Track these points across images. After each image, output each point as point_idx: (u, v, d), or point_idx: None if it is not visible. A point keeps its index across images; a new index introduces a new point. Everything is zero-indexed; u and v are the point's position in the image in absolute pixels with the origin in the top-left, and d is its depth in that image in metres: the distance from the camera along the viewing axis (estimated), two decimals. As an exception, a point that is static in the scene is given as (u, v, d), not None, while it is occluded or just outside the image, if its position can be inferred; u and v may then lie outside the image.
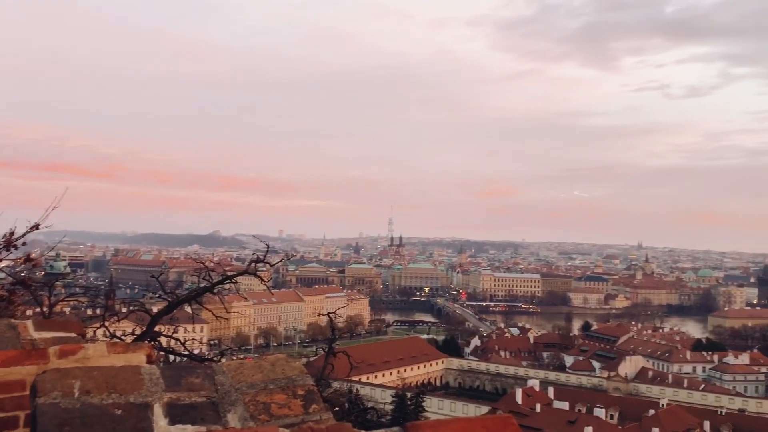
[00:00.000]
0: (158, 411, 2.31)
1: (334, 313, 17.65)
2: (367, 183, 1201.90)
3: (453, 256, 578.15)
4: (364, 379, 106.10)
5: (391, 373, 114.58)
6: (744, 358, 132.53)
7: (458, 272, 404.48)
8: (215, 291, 14.62)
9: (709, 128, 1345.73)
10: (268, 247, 16.08)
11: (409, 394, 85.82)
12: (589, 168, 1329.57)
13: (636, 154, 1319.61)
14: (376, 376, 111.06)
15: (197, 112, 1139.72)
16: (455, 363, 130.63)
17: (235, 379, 2.46)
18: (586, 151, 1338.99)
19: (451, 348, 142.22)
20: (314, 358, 55.52)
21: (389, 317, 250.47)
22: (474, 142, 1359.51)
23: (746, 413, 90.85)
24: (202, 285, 14.20)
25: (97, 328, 12.90)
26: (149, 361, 3.10)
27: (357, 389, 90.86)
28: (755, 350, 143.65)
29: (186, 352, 13.84)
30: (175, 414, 2.31)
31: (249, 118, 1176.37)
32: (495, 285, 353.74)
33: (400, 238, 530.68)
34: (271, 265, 17.35)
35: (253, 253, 15.29)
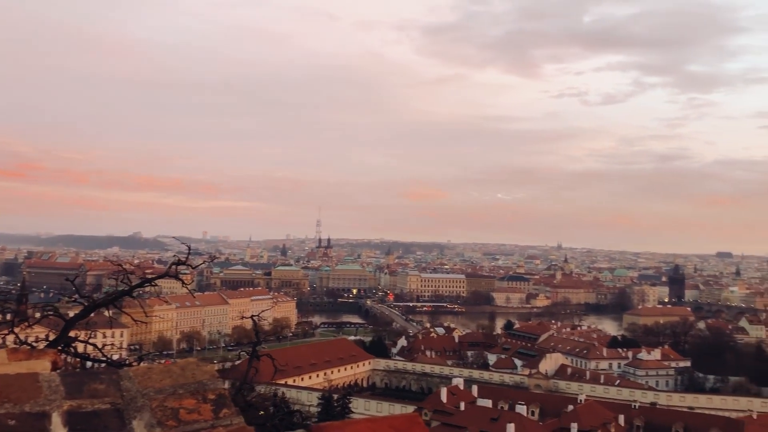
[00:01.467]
0: (56, 420, 2.18)
1: (258, 315, 17.48)
2: (294, 184, 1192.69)
3: (381, 257, 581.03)
4: (290, 381, 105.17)
5: (318, 375, 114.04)
6: (656, 354, 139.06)
7: (386, 273, 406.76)
8: (134, 294, 14.25)
9: (623, 134, 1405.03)
10: (189, 249, 15.79)
11: (335, 396, 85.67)
12: (512, 171, 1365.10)
13: (556, 158, 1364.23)
14: (302, 379, 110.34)
15: (119, 111, 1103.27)
16: (382, 364, 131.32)
17: (142, 384, 2.34)
18: (509, 155, 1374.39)
19: (378, 349, 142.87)
20: (239, 361, 54.64)
21: (317, 319, 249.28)
22: (402, 145, 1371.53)
23: (657, 406, 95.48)
24: (120, 288, 13.83)
25: (6, 334, 12.34)
26: (55, 368, 2.97)
27: (283, 392, 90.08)
28: (666, 346, 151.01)
29: (104, 358, 13.42)
30: (76, 423, 2.19)
31: (173, 118, 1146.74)
32: (422, 285, 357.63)
33: (328, 240, 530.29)
34: (193, 267, 17.03)
35: (173, 255, 14.97)
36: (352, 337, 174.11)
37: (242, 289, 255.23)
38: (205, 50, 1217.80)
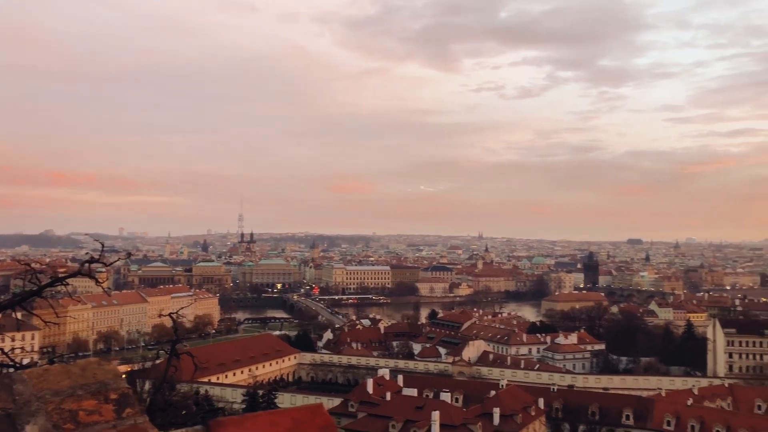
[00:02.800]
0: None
1: (176, 313, 17.07)
2: (215, 178, 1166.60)
3: (306, 251, 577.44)
4: (214, 379, 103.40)
5: (242, 372, 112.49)
6: (572, 338, 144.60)
7: (311, 267, 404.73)
8: (44, 295, 13.65)
9: (539, 127, 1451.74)
10: (103, 246, 15.24)
11: (260, 392, 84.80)
12: (435, 164, 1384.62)
13: (476, 150, 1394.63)
14: (226, 376, 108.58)
15: (23, 103, 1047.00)
16: (308, 357, 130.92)
17: (37, 387, 2.21)
18: (432, 147, 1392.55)
19: (303, 343, 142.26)
20: (159, 361, 53.16)
21: (240, 315, 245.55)
22: (325, 138, 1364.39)
23: (575, 388, 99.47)
24: (28, 289, 13.22)
25: None
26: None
27: (206, 390, 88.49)
28: (582, 330, 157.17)
29: (11, 363, 12.81)
30: (-41, 433, 2.03)
31: (84, 111, 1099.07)
32: (347, 278, 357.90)
33: (251, 235, 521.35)
34: (107, 265, 16.46)
35: (87, 253, 14.37)
36: (277, 332, 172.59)
37: (162, 286, 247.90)
38: (117, 40, 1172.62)
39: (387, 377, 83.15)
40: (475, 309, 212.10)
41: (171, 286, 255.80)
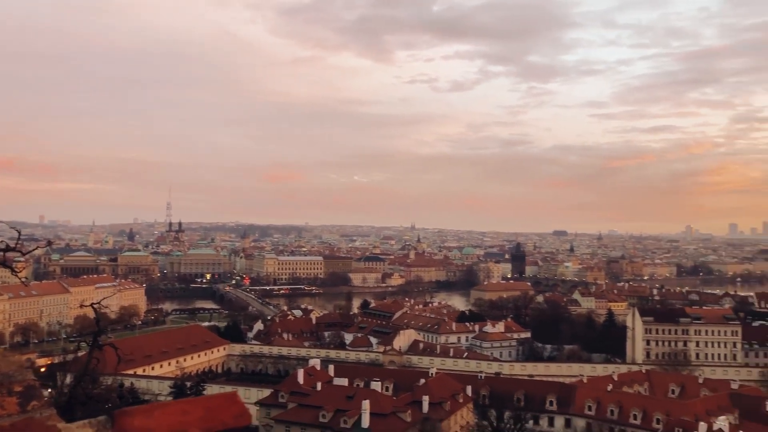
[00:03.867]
0: None
1: (98, 303, 16.56)
2: (142, 165, 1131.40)
3: (236, 240, 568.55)
4: (140, 371, 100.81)
5: (169, 364, 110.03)
6: (500, 327, 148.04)
7: (242, 257, 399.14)
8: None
9: (471, 120, 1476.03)
10: (20, 233, 14.61)
11: (188, 384, 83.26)
12: (368, 154, 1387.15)
13: (408, 142, 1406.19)
14: (153, 368, 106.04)
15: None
16: (237, 348, 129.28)
17: None
18: (365, 138, 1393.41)
19: (233, 334, 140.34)
20: (81, 353, 51.36)
21: (168, 306, 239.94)
22: (258, 126, 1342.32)
23: (501, 376, 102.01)
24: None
25: None
26: None
27: (132, 383, 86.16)
28: (509, 319, 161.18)
29: None
30: None
31: (3, 93, 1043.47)
32: (279, 268, 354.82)
33: (180, 224, 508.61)
34: (24, 254, 15.80)
35: (1, 242, 13.72)
36: (207, 323, 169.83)
37: (85, 276, 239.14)
38: (36, 20, 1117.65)
39: (318, 367, 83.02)
40: (406, 299, 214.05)
41: (95, 276, 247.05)
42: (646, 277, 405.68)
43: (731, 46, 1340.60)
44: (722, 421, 57.96)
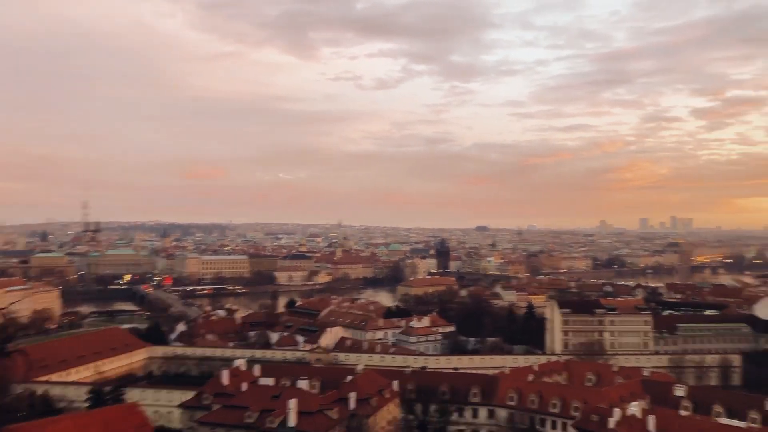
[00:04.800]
0: None
1: (5, 308, 15.89)
2: (56, 162, 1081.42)
3: (157, 240, 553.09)
4: (55, 377, 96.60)
5: (87, 369, 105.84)
6: (425, 322, 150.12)
7: (163, 257, 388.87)
8: None
9: (395, 118, 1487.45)
10: None
11: (107, 389, 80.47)
12: (293, 151, 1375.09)
13: (334, 139, 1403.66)
14: (69, 374, 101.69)
15: None
16: (159, 351, 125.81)
17: None
18: (290, 135, 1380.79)
19: (154, 336, 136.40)
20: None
21: (85, 309, 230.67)
22: (178, 122, 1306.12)
23: (427, 369, 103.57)
24: None
25: None
26: None
27: (46, 390, 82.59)
28: (434, 313, 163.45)
29: None
30: None
31: None
32: (202, 268, 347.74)
33: (97, 223, 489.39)
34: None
35: None
36: (126, 326, 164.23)
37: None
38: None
39: (243, 368, 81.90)
40: (333, 296, 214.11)
41: (5, 279, 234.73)
42: (563, 270, 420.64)
43: (641, 49, 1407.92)
44: (635, 407, 60.88)
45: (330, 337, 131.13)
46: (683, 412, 68.63)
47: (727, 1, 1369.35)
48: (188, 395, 78.62)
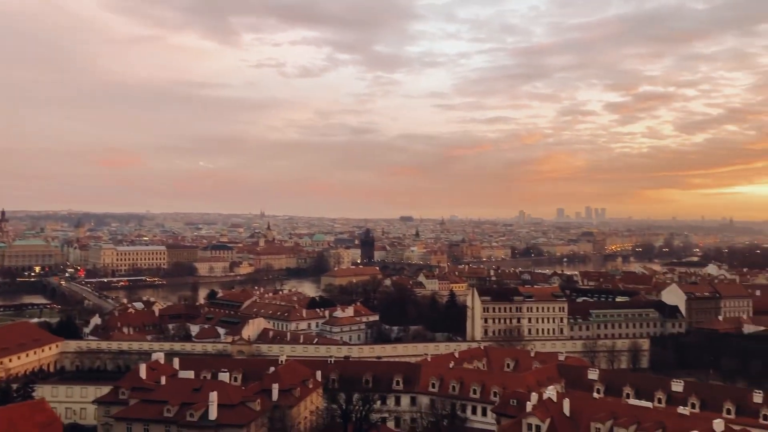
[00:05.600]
0: None
1: None
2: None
3: (69, 230, 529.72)
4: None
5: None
6: (349, 311, 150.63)
7: (76, 248, 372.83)
8: None
9: (320, 107, 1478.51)
10: None
11: (14, 386, 76.61)
12: (215, 139, 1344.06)
13: (257, 127, 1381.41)
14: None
15: None
16: (72, 345, 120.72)
17: None
18: (212, 122, 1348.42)
19: (67, 330, 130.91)
20: None
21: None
22: (92, 108, 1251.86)
23: (351, 359, 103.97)
24: None
25: None
26: None
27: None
28: (358, 303, 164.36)
29: None
30: None
31: None
32: (118, 259, 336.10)
33: (3, 212, 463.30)
34: None
35: None
36: (36, 320, 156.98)
37: None
38: None
39: (162, 361, 79.65)
40: (256, 287, 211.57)
41: None
42: (484, 259, 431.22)
43: (558, 44, 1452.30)
44: (551, 391, 63.02)
45: (252, 328, 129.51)
46: (596, 395, 71.74)
47: (639, 0, 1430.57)
48: (104, 391, 75.85)
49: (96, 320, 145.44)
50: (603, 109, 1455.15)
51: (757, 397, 67.30)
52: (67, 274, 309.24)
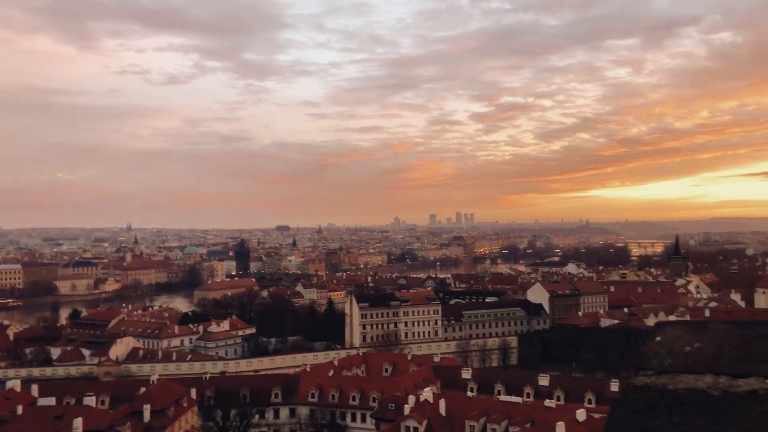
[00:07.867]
0: None
1: None
2: None
3: None
4: None
5: None
6: (225, 326, 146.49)
7: None
8: None
9: (188, 115, 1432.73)
10: None
11: None
12: (73, 149, 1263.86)
13: (121, 136, 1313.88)
14: None
15: None
16: None
17: None
18: (70, 131, 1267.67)
19: None
20: None
21: None
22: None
23: (227, 374, 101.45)
24: None
25: None
26: None
27: None
28: (234, 317, 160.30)
29: None
30: None
31: None
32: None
33: None
34: None
35: None
36: None
37: None
38: None
39: (18, 389, 73.78)
40: (123, 305, 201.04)
41: None
42: (361, 266, 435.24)
43: (425, 56, 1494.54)
44: (427, 392, 64.84)
45: (120, 348, 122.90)
46: (470, 393, 74.60)
47: (497, 15, 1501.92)
48: (-51, 426, 69.08)
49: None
50: (468, 118, 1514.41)
51: (614, 386, 72.86)
52: None
